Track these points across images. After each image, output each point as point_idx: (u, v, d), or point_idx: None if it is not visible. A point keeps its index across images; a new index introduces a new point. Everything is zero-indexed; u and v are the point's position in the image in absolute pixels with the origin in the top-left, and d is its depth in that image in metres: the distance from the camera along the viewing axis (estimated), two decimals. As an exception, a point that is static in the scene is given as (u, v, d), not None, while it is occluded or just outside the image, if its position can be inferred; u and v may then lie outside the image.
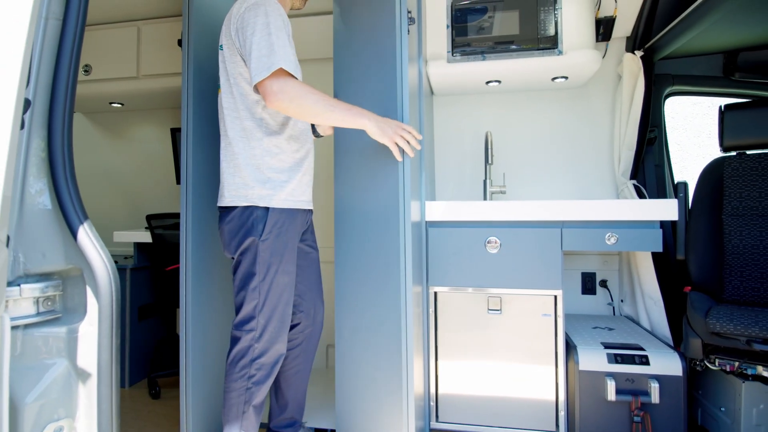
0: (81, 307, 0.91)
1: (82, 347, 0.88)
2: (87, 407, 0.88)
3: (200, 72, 1.72)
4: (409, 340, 1.50)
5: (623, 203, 1.86)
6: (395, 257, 1.53)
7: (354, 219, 1.58)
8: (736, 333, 1.64)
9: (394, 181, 1.52)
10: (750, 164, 2.05)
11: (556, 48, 2.12)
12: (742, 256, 1.99)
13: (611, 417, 1.79)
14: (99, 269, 0.86)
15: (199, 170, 1.73)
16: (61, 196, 0.87)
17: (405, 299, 1.52)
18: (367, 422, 1.57)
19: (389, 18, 1.49)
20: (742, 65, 2.32)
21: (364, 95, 1.51)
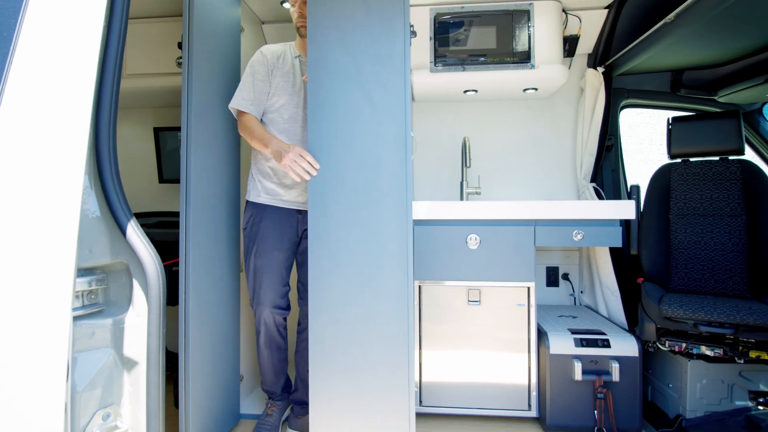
0: (124, 299, 0.94)
1: (128, 337, 0.91)
2: (131, 394, 0.92)
3: (200, 73, 1.73)
4: (410, 331, 1.58)
5: (589, 204, 2.03)
6: (402, 254, 1.59)
7: (344, 216, 1.63)
8: (685, 317, 1.85)
9: (401, 182, 1.59)
10: (693, 170, 2.29)
11: (529, 62, 2.28)
12: (686, 251, 2.22)
13: (578, 395, 1.96)
14: (148, 263, 0.90)
15: (197, 169, 1.74)
16: (108, 194, 0.90)
17: (408, 293, 1.59)
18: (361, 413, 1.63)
19: (397, 30, 1.57)
20: (687, 82, 2.57)
21: (371, 101, 1.59)
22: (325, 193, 1.61)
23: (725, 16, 1.81)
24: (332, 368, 1.60)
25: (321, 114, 1.61)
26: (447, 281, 2.10)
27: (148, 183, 2.86)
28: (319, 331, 1.61)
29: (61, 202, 0.70)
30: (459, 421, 2.10)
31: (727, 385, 2.03)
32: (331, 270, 1.60)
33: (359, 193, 1.59)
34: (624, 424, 1.94)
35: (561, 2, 2.32)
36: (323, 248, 1.60)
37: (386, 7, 1.57)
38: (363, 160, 1.59)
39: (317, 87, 1.62)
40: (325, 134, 1.61)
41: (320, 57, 1.61)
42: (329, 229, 1.61)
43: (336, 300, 1.61)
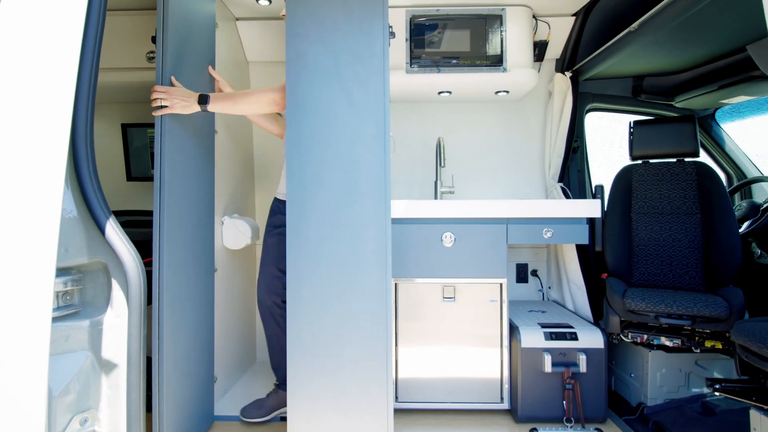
0: (102, 300, 0.91)
1: (107, 339, 0.88)
2: (110, 397, 0.89)
3: (174, 69, 1.68)
4: (389, 329, 1.59)
5: (558, 203, 2.10)
6: (381, 253, 1.59)
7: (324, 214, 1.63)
8: (647, 310, 1.93)
9: (380, 181, 1.59)
10: (653, 171, 2.39)
11: (502, 65, 2.33)
12: (647, 247, 2.33)
13: (548, 386, 2.02)
14: (129, 263, 0.87)
15: (172, 167, 1.68)
16: (86, 192, 0.86)
17: (386, 292, 1.60)
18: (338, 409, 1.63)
19: (376, 31, 1.58)
20: (647, 88, 2.69)
21: (350, 101, 1.58)
22: (304, 192, 1.60)
23: (682, 27, 1.91)
24: (311, 368, 1.59)
25: (300, 113, 1.60)
26: (423, 279, 2.12)
27: (115, 181, 2.75)
28: (297, 331, 1.59)
29: (40, 202, 0.67)
30: (434, 416, 2.12)
31: (685, 373, 2.14)
32: (310, 270, 1.59)
33: (338, 192, 1.59)
34: (590, 413, 2.01)
35: (531, 8, 2.39)
36: (302, 248, 1.59)
37: (366, 9, 1.57)
38: (342, 159, 1.59)
39: (295, 86, 1.60)
40: (304, 133, 1.59)
41: (299, 56, 1.59)
42: (308, 229, 1.59)
43: (315, 299, 1.60)
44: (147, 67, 2.34)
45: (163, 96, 1.56)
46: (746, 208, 2.45)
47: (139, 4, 2.32)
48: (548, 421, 2.04)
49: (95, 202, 0.86)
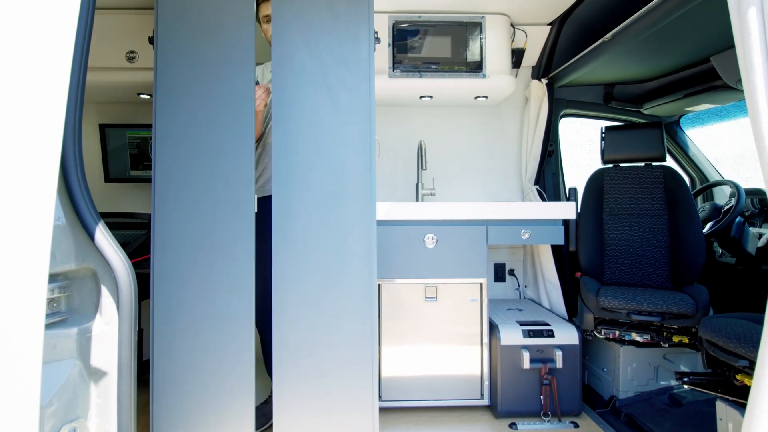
0: (90, 307, 0.88)
1: (96, 347, 0.85)
2: (99, 406, 0.86)
3: (169, 70, 1.63)
4: (374, 329, 1.59)
5: (536, 205, 2.14)
6: (367, 255, 1.59)
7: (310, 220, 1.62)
8: (620, 307, 2.00)
9: (365, 183, 1.59)
10: (623, 174, 2.47)
11: (481, 72, 2.36)
12: (617, 247, 2.40)
13: (526, 382, 2.06)
14: (119, 269, 0.84)
15: (165, 167, 1.63)
16: (74, 196, 0.83)
17: (372, 292, 1.60)
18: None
19: (362, 36, 1.57)
20: (617, 96, 2.78)
21: (336, 104, 1.58)
22: (291, 194, 1.58)
23: (651, 39, 1.98)
24: (297, 369, 1.57)
25: (286, 116, 1.58)
26: (406, 279, 2.13)
27: (92, 182, 2.65)
28: (283, 332, 1.57)
29: (32, 207, 0.64)
30: (417, 414, 2.14)
31: (654, 367, 2.22)
32: (296, 271, 1.58)
33: (325, 194, 1.58)
34: (566, 407, 2.06)
35: (509, 17, 2.43)
36: (288, 250, 1.57)
37: (352, 14, 1.57)
38: (328, 161, 1.58)
39: (282, 89, 1.58)
40: (291, 136, 1.58)
41: (285, 60, 1.58)
42: (294, 231, 1.58)
43: (301, 301, 1.58)
44: (126, 67, 2.27)
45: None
46: (709, 209, 2.56)
47: (119, 3, 2.25)
48: (526, 416, 2.08)
49: (84, 207, 0.83)
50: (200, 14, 1.61)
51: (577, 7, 2.29)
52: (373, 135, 1.57)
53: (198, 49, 1.62)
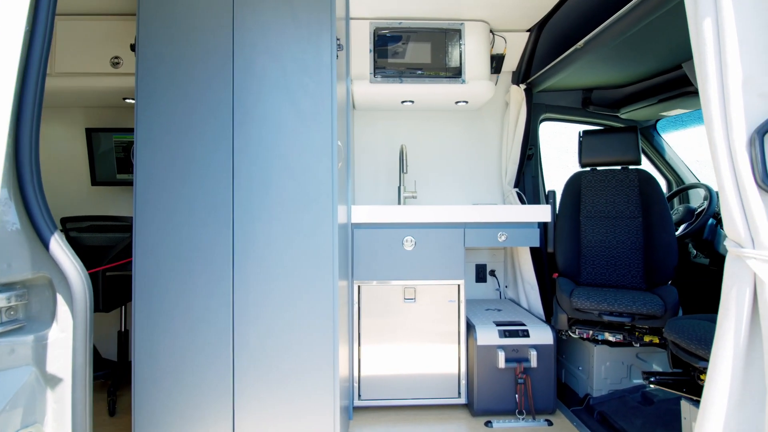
0: (47, 315, 0.87)
1: (52, 354, 0.85)
2: (56, 411, 0.86)
3: (150, 76, 1.62)
4: (336, 330, 1.60)
5: (512, 208, 2.14)
6: (328, 257, 1.60)
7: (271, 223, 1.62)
8: (592, 308, 2.00)
9: (327, 188, 1.59)
10: (600, 177, 2.48)
11: (461, 77, 2.36)
12: (594, 249, 2.41)
13: (501, 381, 2.07)
14: (73, 277, 0.83)
15: (147, 172, 1.63)
16: (30, 206, 0.83)
17: (333, 294, 1.60)
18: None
19: (324, 43, 1.57)
20: (595, 100, 2.78)
21: (298, 110, 1.58)
22: (252, 199, 1.58)
23: (625, 46, 1.98)
24: (259, 372, 1.58)
25: (248, 121, 1.57)
26: (385, 281, 2.12)
27: (79, 185, 2.64)
28: (245, 335, 1.58)
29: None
30: (396, 412, 2.14)
31: (627, 366, 2.22)
32: (256, 275, 1.58)
33: (286, 199, 1.57)
34: (541, 405, 2.07)
35: (489, 23, 2.43)
36: (249, 254, 1.57)
37: (314, 21, 1.56)
38: (290, 167, 1.57)
39: (244, 94, 1.58)
40: (252, 141, 1.57)
41: (247, 65, 1.57)
42: (256, 235, 1.58)
43: (261, 303, 1.58)
44: (111, 72, 2.26)
45: None
46: (683, 212, 2.57)
47: (104, 9, 2.23)
48: (502, 414, 2.08)
49: (39, 216, 0.82)
50: (180, 22, 1.61)
51: (553, 15, 2.29)
52: (335, 140, 1.57)
53: (178, 56, 1.61)
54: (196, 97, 1.60)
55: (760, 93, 1.02)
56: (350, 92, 2.12)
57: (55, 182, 2.66)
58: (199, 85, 1.60)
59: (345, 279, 1.99)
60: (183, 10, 1.60)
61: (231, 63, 1.59)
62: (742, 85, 1.03)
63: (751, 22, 1.03)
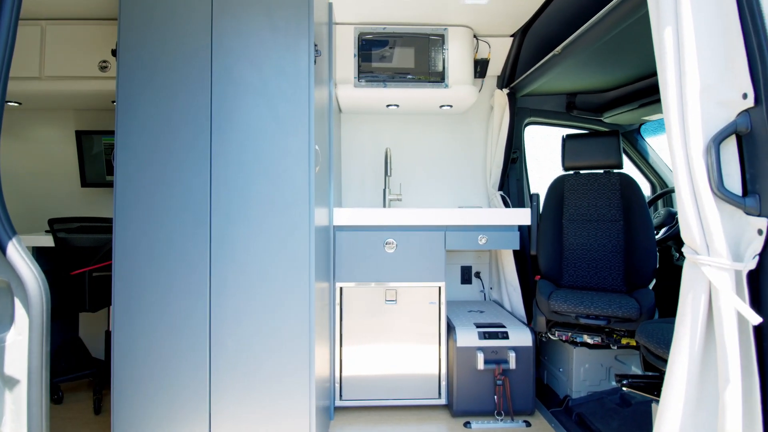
0: (6, 318, 0.88)
1: (9, 356, 0.85)
2: (13, 412, 0.86)
3: (130, 81, 1.62)
4: (312, 331, 1.60)
5: (491, 212, 2.14)
6: (305, 259, 1.60)
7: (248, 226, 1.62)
8: (568, 310, 2.00)
9: (304, 192, 1.59)
10: (582, 181, 2.47)
11: (444, 82, 2.36)
12: (576, 251, 2.40)
13: (480, 382, 2.06)
14: (30, 282, 0.84)
15: (127, 175, 1.63)
16: (-14, 213, 0.83)
17: (309, 296, 1.61)
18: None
19: (302, 48, 1.58)
20: (579, 105, 2.78)
21: (276, 115, 1.58)
22: (230, 202, 1.58)
23: (606, 51, 1.98)
24: (236, 373, 1.58)
25: (226, 126, 1.58)
26: (366, 283, 2.12)
27: (69, 187, 2.65)
28: (221, 337, 1.58)
29: None
30: (377, 412, 2.14)
31: (606, 368, 2.22)
32: (234, 277, 1.58)
33: (264, 202, 1.58)
34: (520, 406, 2.07)
35: (472, 29, 2.43)
36: (227, 256, 1.57)
37: (292, 27, 1.57)
38: (268, 171, 1.57)
39: (222, 99, 1.58)
40: (230, 145, 1.58)
41: (225, 70, 1.58)
42: (233, 238, 1.58)
43: (238, 305, 1.58)
44: (100, 76, 2.26)
45: None
46: (663, 215, 2.56)
47: (92, 13, 2.24)
48: (481, 415, 2.08)
49: (-4, 222, 0.83)
50: (161, 27, 1.61)
51: (535, 21, 2.29)
52: (312, 145, 1.57)
53: (158, 61, 1.61)
54: (176, 101, 1.60)
55: (719, 101, 1.02)
56: (333, 96, 2.12)
57: (44, 184, 2.67)
58: (179, 89, 1.60)
59: (326, 281, 1.99)
60: (163, 16, 1.61)
61: (210, 68, 1.60)
62: (700, 93, 1.03)
63: (711, 31, 1.03)
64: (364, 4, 2.15)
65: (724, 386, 0.93)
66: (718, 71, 1.02)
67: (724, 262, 0.96)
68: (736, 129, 0.98)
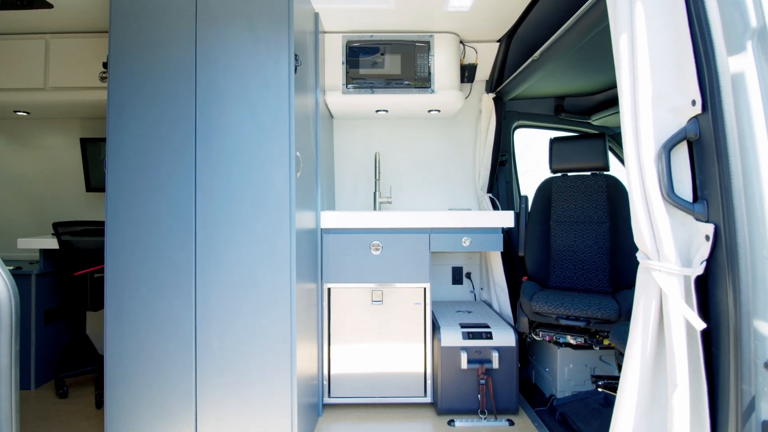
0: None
1: (-24, 356, 0.88)
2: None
3: (120, 90, 1.67)
4: (293, 331, 1.62)
5: (475, 214, 2.13)
6: (286, 261, 1.62)
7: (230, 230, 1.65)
8: (549, 312, 1.98)
9: (285, 197, 1.61)
10: (570, 183, 2.45)
11: (430, 87, 2.36)
12: (562, 253, 2.38)
13: (464, 382, 2.06)
14: (-2, 286, 0.87)
15: (117, 181, 1.67)
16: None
17: (291, 296, 1.62)
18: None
19: (282, 58, 1.60)
20: (568, 107, 2.75)
21: (259, 123, 1.61)
22: (214, 207, 1.61)
23: (589, 55, 1.96)
24: (219, 369, 1.61)
25: (211, 133, 1.61)
26: (353, 284, 2.14)
27: (75, 192, 2.72)
28: (206, 335, 1.61)
29: None
30: (365, 410, 2.15)
31: (590, 368, 2.19)
32: (218, 279, 1.61)
33: (246, 207, 1.60)
34: (504, 405, 2.05)
35: (459, 35, 2.42)
36: (211, 258, 1.60)
37: (273, 37, 1.59)
38: (250, 176, 1.60)
39: (207, 107, 1.61)
40: (214, 152, 1.61)
41: (209, 80, 1.61)
42: (217, 241, 1.61)
43: (222, 306, 1.61)
44: (100, 86, 2.32)
45: None
46: (652, 217, 2.52)
47: (93, 27, 2.30)
48: (465, 414, 2.07)
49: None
50: (149, 39, 1.65)
51: (519, 26, 2.28)
52: (293, 151, 1.59)
53: (146, 71, 1.65)
54: (163, 110, 1.64)
55: (671, 108, 1.01)
56: (319, 103, 2.14)
57: (52, 189, 2.75)
58: (165, 99, 1.64)
59: (314, 282, 2.01)
60: (151, 28, 1.65)
61: (194, 78, 1.63)
62: (653, 100, 1.02)
63: (663, 39, 1.02)
64: (351, 13, 2.16)
65: (672, 391, 0.92)
66: (671, 78, 1.01)
67: (673, 268, 0.95)
68: (686, 135, 0.97)
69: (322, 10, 2.13)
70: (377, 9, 2.12)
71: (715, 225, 0.90)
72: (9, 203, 2.76)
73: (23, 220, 2.76)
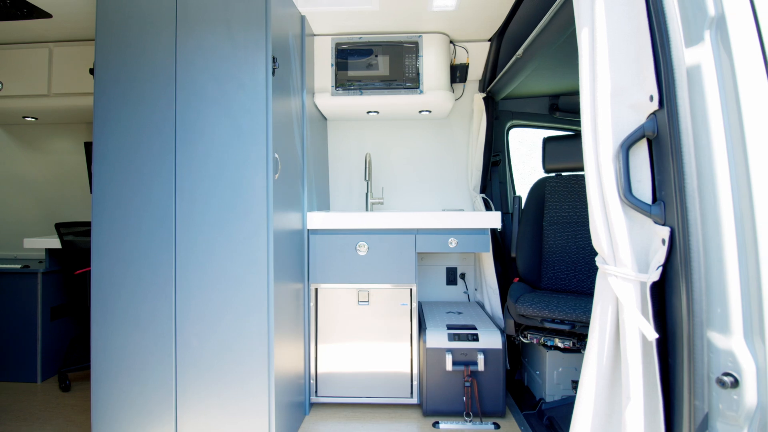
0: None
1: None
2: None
3: (105, 97, 1.68)
4: (270, 330, 1.59)
5: (461, 215, 2.07)
6: (263, 262, 1.60)
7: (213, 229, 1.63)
8: (534, 314, 1.90)
9: (262, 199, 1.59)
10: (564, 183, 2.35)
11: (418, 88, 2.30)
12: (555, 254, 2.29)
13: (449, 383, 2.00)
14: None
15: (102, 184, 1.69)
16: None
17: (268, 296, 1.60)
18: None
19: (260, 62, 1.58)
20: (562, 106, 2.64)
21: (237, 126, 1.59)
22: (193, 209, 1.60)
23: (577, 51, 1.86)
24: (199, 370, 1.59)
25: (190, 136, 1.60)
26: (340, 284, 2.10)
27: (81, 193, 2.78)
28: (186, 336, 1.60)
29: None
30: (351, 409, 2.11)
31: (580, 372, 2.09)
32: (198, 280, 1.60)
33: (225, 208, 1.58)
34: (490, 407, 1.99)
35: (448, 35, 2.36)
36: (191, 260, 1.59)
37: (251, 41, 1.57)
38: (229, 179, 1.58)
39: (186, 112, 1.60)
40: (194, 155, 1.60)
41: (189, 84, 1.60)
42: (196, 243, 1.60)
43: (202, 307, 1.60)
44: (100, 92, 2.36)
45: None
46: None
47: (94, 35, 2.34)
48: (451, 415, 2.01)
49: None
50: (133, 46, 1.65)
51: (509, 25, 2.20)
52: (270, 154, 1.56)
53: (131, 78, 1.66)
54: (145, 115, 1.64)
55: (630, 104, 0.94)
56: (305, 105, 2.11)
57: (59, 191, 2.81)
58: (148, 104, 1.64)
59: (300, 282, 1.99)
60: (135, 35, 1.65)
61: (174, 82, 1.62)
62: (612, 96, 0.95)
63: (623, 32, 0.95)
64: (337, 15, 2.13)
65: (626, 404, 0.85)
66: (631, 73, 0.94)
67: (629, 273, 0.88)
68: (644, 133, 0.90)
69: (308, 13, 2.10)
70: (363, 11, 2.08)
71: (671, 228, 0.82)
72: (19, 205, 2.85)
73: (32, 221, 2.84)
